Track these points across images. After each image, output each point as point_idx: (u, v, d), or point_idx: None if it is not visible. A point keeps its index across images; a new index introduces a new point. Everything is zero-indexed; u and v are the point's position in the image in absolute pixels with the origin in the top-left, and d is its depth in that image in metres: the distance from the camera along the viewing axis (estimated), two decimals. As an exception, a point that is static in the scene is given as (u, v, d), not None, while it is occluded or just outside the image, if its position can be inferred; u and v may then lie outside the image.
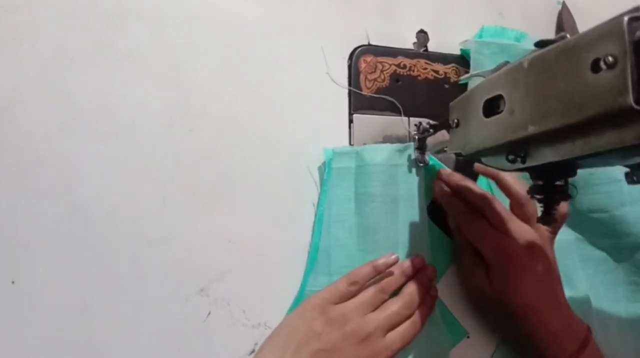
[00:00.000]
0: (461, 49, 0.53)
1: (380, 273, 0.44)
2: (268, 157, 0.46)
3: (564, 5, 0.55)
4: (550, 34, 0.55)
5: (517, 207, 0.45)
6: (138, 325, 0.41)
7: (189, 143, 0.44)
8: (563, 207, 0.45)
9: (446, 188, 0.47)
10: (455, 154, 0.40)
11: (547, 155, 0.31)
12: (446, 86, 0.51)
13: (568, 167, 0.33)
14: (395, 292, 0.44)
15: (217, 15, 0.46)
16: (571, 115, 0.28)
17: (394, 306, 0.43)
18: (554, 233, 0.46)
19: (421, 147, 0.47)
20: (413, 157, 0.47)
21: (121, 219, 0.42)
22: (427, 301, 0.45)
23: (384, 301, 0.43)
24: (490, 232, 0.44)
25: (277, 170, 0.46)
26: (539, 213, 0.36)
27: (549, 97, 0.29)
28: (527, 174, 0.36)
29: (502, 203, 0.45)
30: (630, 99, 0.24)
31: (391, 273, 0.45)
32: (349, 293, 0.43)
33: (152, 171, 0.43)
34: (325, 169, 0.47)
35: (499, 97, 0.34)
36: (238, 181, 0.45)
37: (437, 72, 0.51)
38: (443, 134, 0.47)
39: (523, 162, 0.33)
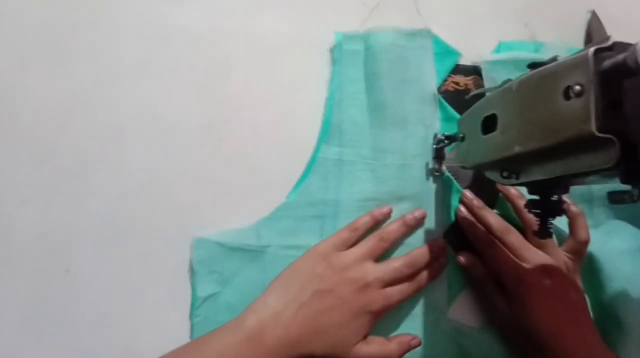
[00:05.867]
0: (478, 67, 0.53)
1: (378, 223, 0.47)
2: (294, 164, 0.49)
3: (593, 14, 0.54)
4: (580, 44, 0.55)
5: (532, 234, 0.46)
6: (177, 307, 0.46)
7: (221, 149, 0.48)
8: (583, 234, 0.46)
9: (469, 216, 0.48)
10: (461, 166, 0.42)
11: (536, 173, 0.33)
12: (467, 98, 0.52)
13: (559, 184, 0.34)
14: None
15: (250, 33, 0.50)
16: (548, 138, 0.29)
17: (396, 263, 0.45)
18: (577, 260, 0.47)
19: (438, 157, 0.49)
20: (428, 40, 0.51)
21: (161, 217, 0.47)
22: (434, 266, 0.47)
23: (385, 249, 0.46)
24: (508, 259, 0.45)
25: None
26: (535, 228, 0.37)
27: (531, 120, 0.31)
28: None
29: (517, 232, 0.47)
30: (593, 127, 0.26)
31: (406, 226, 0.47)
32: (351, 239, 0.45)
33: (189, 173, 0.48)
34: (335, 50, 0.50)
35: (495, 116, 0.35)
36: (265, 185, 0.48)
37: (457, 83, 0.52)
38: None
39: (517, 178, 0.35)
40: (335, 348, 0.42)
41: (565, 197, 0.37)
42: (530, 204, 0.37)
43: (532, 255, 0.45)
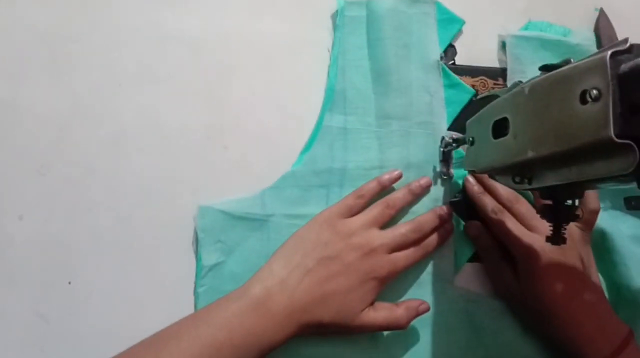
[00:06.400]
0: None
1: (385, 188, 0.46)
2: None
3: (601, 12, 0.54)
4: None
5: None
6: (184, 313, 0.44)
7: (224, 157, 0.48)
8: (594, 203, 0.45)
9: (476, 186, 0.47)
10: (470, 171, 0.41)
11: (549, 178, 0.32)
12: (474, 99, 0.51)
13: (574, 189, 0.34)
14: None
15: (249, 37, 0.50)
16: (563, 143, 0.29)
17: (403, 229, 0.45)
18: (587, 230, 0.46)
19: (445, 160, 0.48)
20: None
21: (162, 225, 0.46)
22: (440, 232, 0.47)
23: (391, 217, 0.45)
24: (516, 228, 0.45)
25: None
26: (549, 233, 0.36)
27: (545, 124, 0.30)
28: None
29: (527, 202, 0.46)
30: (611, 132, 0.25)
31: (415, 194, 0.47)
32: (356, 206, 0.45)
33: (190, 181, 0.47)
34: (337, 16, 0.50)
35: (506, 119, 0.35)
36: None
37: (464, 85, 0.51)
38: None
39: (529, 183, 0.34)
40: (342, 315, 0.41)
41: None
42: (543, 209, 0.36)
43: (542, 225, 0.44)
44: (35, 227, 0.45)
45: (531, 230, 0.44)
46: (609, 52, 0.25)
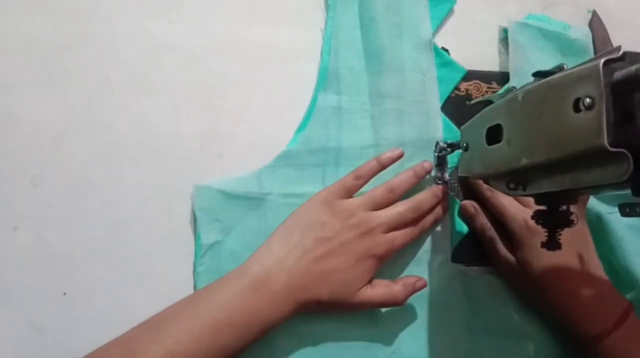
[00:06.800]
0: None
1: (385, 168, 0.46)
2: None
3: (594, 13, 0.54)
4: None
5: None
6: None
7: (219, 165, 0.47)
8: None
9: None
10: (465, 176, 0.41)
11: (543, 185, 0.32)
12: (468, 103, 0.51)
13: (568, 195, 0.34)
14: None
15: (243, 46, 0.49)
16: (557, 151, 0.29)
17: (400, 208, 0.45)
18: (582, 205, 0.46)
19: (440, 165, 0.48)
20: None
21: (158, 234, 0.46)
22: (437, 210, 0.47)
23: (393, 201, 0.45)
24: (511, 204, 0.45)
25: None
26: (544, 239, 0.36)
27: (538, 132, 0.30)
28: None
29: None
30: (605, 141, 0.25)
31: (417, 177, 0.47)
32: (355, 186, 0.45)
33: (185, 191, 0.46)
34: None
35: (500, 126, 0.34)
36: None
37: (458, 89, 0.51)
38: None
39: (524, 189, 0.34)
40: (340, 292, 0.42)
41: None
42: (537, 215, 0.36)
43: None
44: (29, 237, 0.44)
45: (525, 205, 0.45)
46: (602, 60, 0.25)
